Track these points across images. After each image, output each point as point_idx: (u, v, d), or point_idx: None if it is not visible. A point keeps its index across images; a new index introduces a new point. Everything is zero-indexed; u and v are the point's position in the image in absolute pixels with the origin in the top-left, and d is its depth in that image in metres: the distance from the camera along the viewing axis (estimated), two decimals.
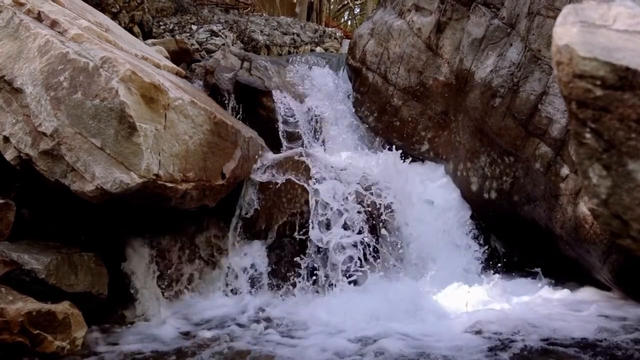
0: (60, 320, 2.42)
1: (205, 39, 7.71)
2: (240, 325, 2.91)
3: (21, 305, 2.31)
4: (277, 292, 3.43)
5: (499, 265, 3.96)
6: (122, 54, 3.10)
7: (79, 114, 2.66)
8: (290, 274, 3.52)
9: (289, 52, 8.68)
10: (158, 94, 2.85)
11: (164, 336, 2.74)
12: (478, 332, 2.63)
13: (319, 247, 3.53)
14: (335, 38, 9.81)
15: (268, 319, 3.00)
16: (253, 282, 3.46)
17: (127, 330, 2.86)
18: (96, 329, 2.79)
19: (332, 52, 8.90)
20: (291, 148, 4.63)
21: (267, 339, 2.67)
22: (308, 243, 3.51)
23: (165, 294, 3.30)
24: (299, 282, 3.50)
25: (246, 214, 3.58)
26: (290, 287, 3.49)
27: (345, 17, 21.88)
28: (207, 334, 2.74)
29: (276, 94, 4.87)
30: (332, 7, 18.29)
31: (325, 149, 4.66)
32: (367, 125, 5.09)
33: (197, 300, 3.37)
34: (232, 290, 3.45)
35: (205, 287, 3.47)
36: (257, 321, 2.96)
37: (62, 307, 2.47)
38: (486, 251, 4.03)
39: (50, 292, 2.58)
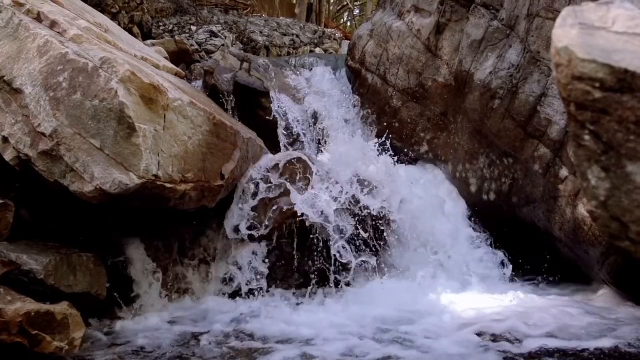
0: (59, 320, 2.41)
1: (204, 40, 7.70)
2: (233, 328, 2.88)
3: (20, 306, 2.30)
4: (274, 295, 3.42)
5: (499, 266, 3.96)
6: (121, 55, 3.10)
7: (79, 115, 2.66)
8: (287, 278, 3.51)
9: (289, 53, 8.68)
10: (157, 94, 2.84)
11: (161, 338, 2.73)
12: (483, 337, 2.61)
13: (317, 251, 3.52)
14: (334, 39, 9.81)
15: (259, 323, 2.94)
16: (249, 284, 3.44)
17: (125, 331, 2.85)
18: (95, 330, 2.79)
19: (331, 53, 8.91)
20: (290, 148, 4.63)
21: (257, 346, 2.60)
22: (306, 246, 3.49)
23: (163, 294, 3.30)
24: (297, 285, 3.49)
25: (242, 216, 3.56)
26: (288, 291, 3.48)
27: (345, 18, 21.90)
28: (204, 336, 2.73)
29: (275, 95, 4.87)
30: (331, 8, 18.30)
31: (324, 150, 4.65)
32: (367, 126, 5.09)
33: (194, 301, 3.37)
34: (229, 292, 3.44)
35: (203, 288, 3.47)
36: (250, 324, 2.91)
37: (61, 308, 2.46)
38: (487, 254, 4.03)
39: (49, 292, 2.57)
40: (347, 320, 2.96)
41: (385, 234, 3.75)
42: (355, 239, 3.57)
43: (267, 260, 3.50)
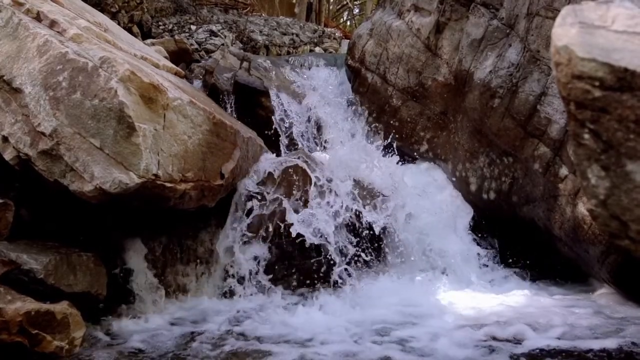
0: (59, 320, 2.42)
1: (204, 39, 7.71)
2: (232, 329, 2.86)
3: (20, 305, 2.30)
4: (275, 293, 3.41)
5: (499, 266, 3.96)
6: (121, 54, 3.09)
7: (78, 114, 2.66)
8: (286, 277, 3.50)
9: (288, 53, 8.68)
10: (157, 94, 2.84)
11: (160, 337, 2.73)
12: (486, 338, 2.60)
13: (317, 251, 3.51)
14: (334, 38, 9.81)
15: (257, 324, 2.92)
16: (249, 284, 3.44)
17: (124, 330, 2.85)
18: (94, 329, 2.79)
19: (331, 52, 8.91)
20: (289, 148, 4.63)
21: (254, 348, 2.58)
22: (306, 247, 3.49)
23: (162, 294, 3.29)
24: (296, 285, 3.48)
25: (242, 216, 3.55)
26: (287, 291, 3.47)
27: (345, 18, 21.90)
28: (202, 337, 2.72)
29: (275, 94, 4.86)
30: (331, 7, 18.29)
31: (324, 150, 4.64)
32: (366, 126, 5.08)
33: (194, 302, 3.36)
34: (228, 293, 3.43)
35: (202, 288, 3.46)
36: (248, 326, 2.89)
37: (61, 307, 2.46)
38: (487, 253, 4.02)
39: (49, 292, 2.57)
40: (346, 321, 2.95)
41: (389, 257, 3.72)
42: (356, 257, 3.55)
43: (267, 260, 3.49)
